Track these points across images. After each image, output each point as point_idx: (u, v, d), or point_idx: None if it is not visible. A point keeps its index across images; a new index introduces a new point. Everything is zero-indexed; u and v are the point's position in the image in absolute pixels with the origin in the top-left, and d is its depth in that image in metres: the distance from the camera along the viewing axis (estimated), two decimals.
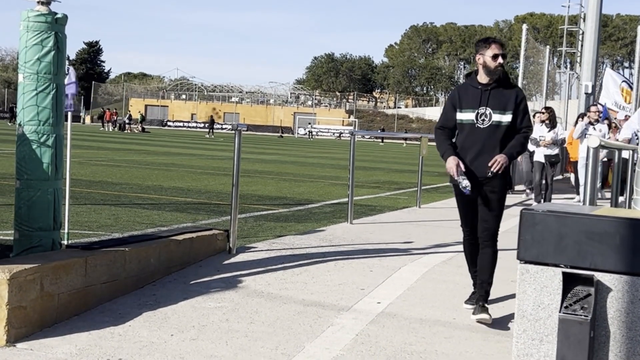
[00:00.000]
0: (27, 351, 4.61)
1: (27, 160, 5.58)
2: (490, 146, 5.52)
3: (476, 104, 5.56)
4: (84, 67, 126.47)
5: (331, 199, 14.34)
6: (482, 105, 5.54)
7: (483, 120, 5.52)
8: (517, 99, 5.55)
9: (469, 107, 5.58)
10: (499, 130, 5.52)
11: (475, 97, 5.58)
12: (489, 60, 5.54)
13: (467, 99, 5.61)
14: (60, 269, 5.16)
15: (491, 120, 5.51)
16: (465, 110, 5.59)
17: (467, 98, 5.61)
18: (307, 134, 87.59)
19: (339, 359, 4.74)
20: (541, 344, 3.56)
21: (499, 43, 5.60)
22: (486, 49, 5.56)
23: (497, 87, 5.56)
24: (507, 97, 5.55)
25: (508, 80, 5.61)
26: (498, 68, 5.52)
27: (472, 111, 5.56)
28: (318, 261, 7.39)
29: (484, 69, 5.57)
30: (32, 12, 5.55)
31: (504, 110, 5.51)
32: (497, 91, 5.56)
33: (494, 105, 5.52)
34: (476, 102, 5.56)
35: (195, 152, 33.01)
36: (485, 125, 5.52)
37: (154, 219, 9.96)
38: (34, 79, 5.56)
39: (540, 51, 23.87)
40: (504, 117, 5.51)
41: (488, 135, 5.52)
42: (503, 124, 5.51)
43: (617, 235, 3.40)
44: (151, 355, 4.65)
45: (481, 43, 5.64)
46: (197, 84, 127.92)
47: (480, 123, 5.54)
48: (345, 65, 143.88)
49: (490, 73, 5.55)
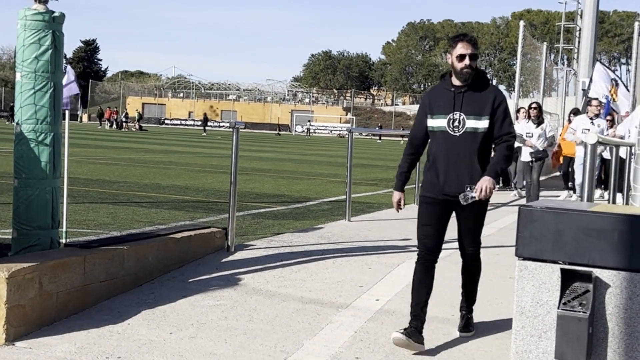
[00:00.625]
0: (26, 350, 4.61)
1: (25, 159, 5.58)
2: (465, 157, 4.87)
3: (448, 109, 4.90)
4: (81, 65, 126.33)
5: (329, 197, 14.34)
6: (455, 110, 4.88)
7: (456, 127, 4.87)
8: (495, 103, 4.88)
9: (440, 113, 4.93)
10: (475, 139, 4.87)
11: (447, 101, 4.92)
12: (455, 61, 4.90)
13: (438, 104, 4.96)
14: (58, 268, 5.16)
15: (465, 127, 4.86)
16: (437, 116, 4.94)
17: (438, 102, 4.96)
18: (304, 132, 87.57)
19: (337, 356, 4.74)
20: (540, 341, 3.57)
21: (467, 41, 4.89)
22: (452, 49, 4.93)
23: (471, 90, 4.91)
24: (483, 101, 4.89)
25: (485, 81, 4.97)
26: (464, 70, 4.86)
27: (444, 117, 4.90)
28: (316, 259, 7.40)
29: (453, 70, 4.94)
30: (30, 10, 5.55)
31: (479, 116, 4.86)
32: (471, 94, 4.90)
33: (468, 110, 4.87)
34: (448, 106, 4.90)
35: (193, 150, 33.00)
36: (459, 133, 4.87)
37: (152, 217, 9.96)
38: (31, 77, 5.56)
39: (537, 48, 23.87)
40: (479, 124, 4.85)
41: (462, 145, 4.86)
42: (479, 131, 4.86)
43: (615, 232, 3.41)
44: (150, 353, 4.65)
45: (449, 42, 5.02)
46: (195, 82, 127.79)
47: (452, 130, 4.87)
48: (342, 62, 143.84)
49: (457, 76, 4.91)
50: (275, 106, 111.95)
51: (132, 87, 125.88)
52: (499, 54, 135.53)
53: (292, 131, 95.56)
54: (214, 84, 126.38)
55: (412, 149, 5.12)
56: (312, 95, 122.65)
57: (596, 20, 23.30)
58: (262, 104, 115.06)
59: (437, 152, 4.94)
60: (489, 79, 4.99)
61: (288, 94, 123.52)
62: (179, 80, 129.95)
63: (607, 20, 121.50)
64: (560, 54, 53.32)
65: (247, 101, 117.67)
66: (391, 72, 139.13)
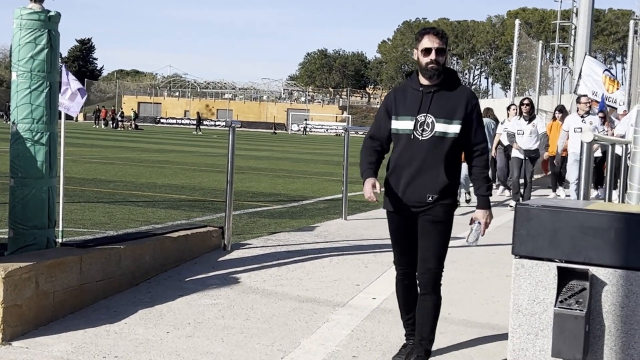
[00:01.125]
0: (23, 349, 4.61)
1: (21, 159, 5.57)
2: (432, 164, 4.39)
3: (415, 110, 4.41)
4: (76, 64, 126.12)
5: (325, 195, 14.35)
6: (422, 111, 4.40)
7: (423, 130, 4.38)
8: (468, 106, 4.41)
9: (406, 114, 4.44)
10: (443, 144, 4.38)
11: (414, 101, 4.44)
12: (420, 56, 4.42)
13: (404, 104, 4.47)
14: (55, 267, 5.16)
15: (433, 130, 4.37)
16: (402, 117, 4.45)
17: (404, 102, 4.47)
18: (300, 130, 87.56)
19: (334, 355, 4.74)
20: (537, 339, 3.58)
21: (434, 34, 4.40)
22: (418, 43, 4.46)
23: (442, 90, 4.44)
24: (454, 103, 4.41)
25: (456, 81, 4.51)
26: (430, 66, 4.37)
27: (410, 119, 4.41)
28: (313, 257, 7.40)
29: (418, 66, 4.46)
30: (25, 10, 5.54)
31: (449, 119, 4.38)
32: (441, 94, 4.43)
33: (438, 112, 4.39)
34: (415, 107, 4.42)
35: (189, 149, 32.97)
36: (425, 137, 4.38)
37: (148, 216, 9.96)
38: (27, 77, 5.55)
39: (532, 46, 23.90)
40: (450, 128, 4.38)
41: (429, 150, 4.38)
42: (449, 136, 4.38)
43: (612, 230, 3.42)
44: (147, 352, 4.65)
45: (415, 35, 4.56)
46: (190, 80, 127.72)
47: (419, 134, 4.39)
48: (338, 61, 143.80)
49: (423, 72, 4.43)
50: (271, 105, 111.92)
51: (127, 86, 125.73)
52: (495, 53, 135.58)
53: (288, 130, 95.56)
54: (210, 82, 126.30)
55: (372, 145, 4.60)
56: (308, 94, 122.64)
57: (591, 18, 23.34)
58: (258, 102, 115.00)
59: (399, 157, 4.45)
60: (460, 79, 4.54)
61: (284, 93, 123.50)
62: (174, 79, 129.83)
63: (603, 18, 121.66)
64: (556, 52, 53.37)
65: (242, 100, 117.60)
66: (387, 71, 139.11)
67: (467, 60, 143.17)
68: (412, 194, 4.44)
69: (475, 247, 5.31)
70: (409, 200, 4.45)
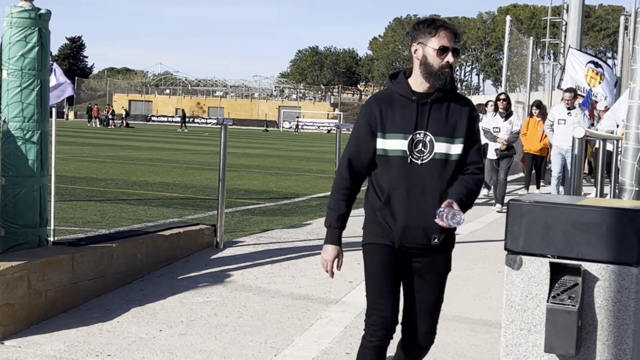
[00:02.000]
0: (15, 349, 4.59)
1: (12, 157, 5.56)
2: (433, 194, 3.46)
3: (410, 126, 3.46)
4: (67, 62, 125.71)
5: (318, 193, 14.35)
6: (420, 128, 3.46)
7: (420, 152, 3.46)
8: (470, 120, 3.55)
9: (396, 131, 3.47)
10: (445, 169, 3.48)
11: (406, 114, 3.48)
12: (432, 56, 3.45)
13: (392, 118, 3.48)
14: (47, 266, 5.14)
15: (433, 152, 3.46)
16: (392, 135, 3.47)
17: (393, 116, 3.48)
18: (292, 128, 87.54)
19: (328, 352, 4.75)
20: (529, 334, 3.58)
21: (451, 31, 3.51)
22: (429, 37, 3.47)
23: (440, 99, 3.51)
24: (456, 116, 3.52)
25: (454, 88, 3.58)
26: (445, 70, 3.47)
27: (403, 137, 3.45)
28: (305, 254, 7.40)
29: (423, 68, 3.48)
30: (16, 8, 5.52)
31: (451, 137, 3.49)
32: (440, 106, 3.50)
33: (437, 129, 3.47)
34: (409, 122, 3.46)
35: (180, 146, 32.92)
36: (424, 160, 3.46)
37: (140, 214, 9.94)
38: (18, 75, 5.53)
39: (523, 42, 23.94)
40: (452, 148, 3.49)
41: (429, 176, 3.46)
42: (452, 159, 3.49)
43: (604, 225, 3.42)
44: (140, 350, 4.64)
45: (422, 27, 3.51)
46: (181, 78, 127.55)
47: (416, 157, 3.45)
48: (329, 58, 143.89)
49: (432, 77, 3.46)
50: (262, 102, 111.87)
51: (118, 84, 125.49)
52: (486, 49, 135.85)
53: (280, 127, 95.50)
54: (201, 80, 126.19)
55: (350, 181, 3.56)
56: (299, 91, 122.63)
57: (582, 14, 23.38)
58: (249, 100, 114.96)
59: (392, 186, 3.48)
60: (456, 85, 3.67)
61: (275, 90, 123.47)
62: (165, 76, 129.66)
63: (593, 14, 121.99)
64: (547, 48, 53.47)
65: (234, 97, 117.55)
66: (378, 68, 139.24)
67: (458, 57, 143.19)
68: (415, 234, 3.48)
69: (468, 242, 5.30)
70: (409, 242, 3.50)
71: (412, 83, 3.53)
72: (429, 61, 3.46)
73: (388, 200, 3.48)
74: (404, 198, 3.46)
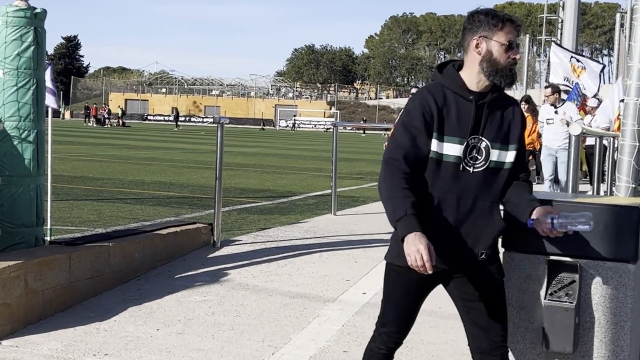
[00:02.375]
0: (12, 348, 4.59)
1: (8, 157, 5.55)
2: (484, 206, 3.14)
3: (465, 130, 3.09)
4: (63, 62, 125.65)
5: (314, 191, 14.35)
6: (476, 132, 3.11)
7: (474, 159, 3.11)
8: (523, 123, 3.24)
9: (453, 134, 3.09)
10: (497, 179, 3.16)
11: (464, 115, 3.10)
12: (498, 52, 3.09)
13: (449, 119, 3.09)
14: (44, 265, 5.14)
15: (488, 160, 3.12)
16: (448, 138, 3.09)
17: (449, 116, 3.10)
18: (288, 126, 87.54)
19: (325, 350, 4.75)
20: (527, 332, 3.59)
21: (516, 25, 3.17)
22: (495, 30, 3.09)
23: (496, 100, 3.17)
24: (509, 119, 3.20)
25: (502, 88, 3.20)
26: (512, 67, 3.17)
27: (459, 142, 3.08)
28: (303, 253, 7.40)
29: (486, 64, 3.10)
30: (11, 7, 5.51)
31: (506, 143, 3.17)
32: (496, 107, 3.17)
33: (493, 134, 3.14)
34: (466, 125, 3.10)
35: (177, 145, 32.90)
36: (478, 169, 3.11)
37: (137, 213, 9.93)
38: (14, 74, 5.52)
39: (519, 40, 23.97)
40: (506, 156, 3.17)
41: (481, 187, 3.12)
42: (505, 167, 3.17)
43: (600, 222, 3.42)
44: (137, 350, 4.64)
45: (484, 18, 3.12)
46: (177, 77, 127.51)
47: (469, 164, 3.10)
48: (325, 56, 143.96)
49: (497, 74, 3.10)
50: (258, 101, 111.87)
51: (114, 84, 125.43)
52: None
53: (276, 126, 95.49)
54: (197, 79, 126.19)
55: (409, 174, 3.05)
56: (295, 89, 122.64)
57: (578, 11, 23.37)
58: (245, 99, 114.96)
59: (442, 195, 3.09)
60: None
61: (271, 89, 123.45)
62: (161, 75, 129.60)
63: (589, 11, 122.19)
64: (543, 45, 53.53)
65: (230, 96, 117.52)
66: (374, 66, 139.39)
67: (454, 55, 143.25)
68: (463, 250, 3.13)
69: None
70: (457, 260, 3.15)
71: (468, 80, 3.14)
72: (496, 57, 3.09)
73: (435, 211, 3.08)
74: (453, 210, 3.09)
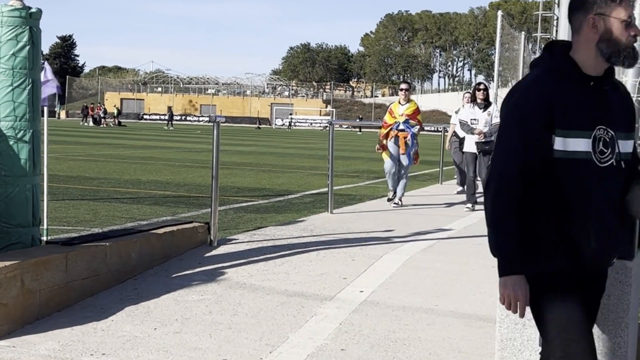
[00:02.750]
0: (9, 348, 4.58)
1: (4, 157, 5.53)
2: (614, 205, 2.82)
3: (589, 120, 2.75)
4: (58, 61, 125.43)
5: (311, 189, 14.35)
6: (600, 122, 2.76)
7: (602, 153, 2.76)
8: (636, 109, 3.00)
9: (579, 127, 2.73)
10: (623, 173, 2.83)
11: (585, 103, 2.75)
12: (619, 29, 2.72)
13: (571, 109, 2.72)
14: (40, 265, 5.13)
15: (614, 152, 2.78)
16: (574, 132, 2.72)
17: (571, 106, 2.73)
18: (284, 125, 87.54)
19: (323, 349, 4.75)
20: (524, 328, 3.59)
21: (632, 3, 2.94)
22: (614, 5, 2.72)
23: (613, 84, 2.88)
24: (626, 105, 2.89)
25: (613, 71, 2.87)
26: (634, 47, 2.75)
27: (586, 135, 2.73)
28: (300, 251, 7.40)
29: (606, 45, 2.74)
30: (6, 6, 5.50)
31: (629, 132, 2.87)
32: (613, 93, 2.85)
33: (617, 123, 2.81)
34: (589, 114, 2.75)
35: (173, 145, 32.88)
36: (604, 164, 2.76)
37: (133, 213, 9.92)
38: (9, 74, 5.51)
39: (515, 37, 23.98)
40: (629, 145, 2.87)
41: (610, 184, 2.78)
42: (627, 159, 2.87)
43: None
44: (135, 349, 4.63)
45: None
46: (173, 76, 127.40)
47: (598, 159, 2.75)
48: (321, 55, 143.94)
49: (618, 56, 2.74)
50: (254, 100, 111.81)
51: (110, 83, 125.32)
52: (477, 44, 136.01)
53: (272, 125, 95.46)
54: (193, 78, 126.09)
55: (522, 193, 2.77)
56: (291, 88, 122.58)
57: None
58: (241, 97, 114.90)
59: (579, 196, 2.74)
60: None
61: (267, 88, 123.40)
62: (157, 74, 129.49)
63: None
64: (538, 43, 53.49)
65: (226, 95, 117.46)
66: (370, 64, 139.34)
67: (450, 52, 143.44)
68: (602, 252, 2.83)
69: (461, 238, 5.30)
70: (599, 262, 2.88)
71: (583, 62, 2.78)
72: (616, 36, 2.72)
73: (576, 212, 2.75)
74: (594, 209, 2.76)
